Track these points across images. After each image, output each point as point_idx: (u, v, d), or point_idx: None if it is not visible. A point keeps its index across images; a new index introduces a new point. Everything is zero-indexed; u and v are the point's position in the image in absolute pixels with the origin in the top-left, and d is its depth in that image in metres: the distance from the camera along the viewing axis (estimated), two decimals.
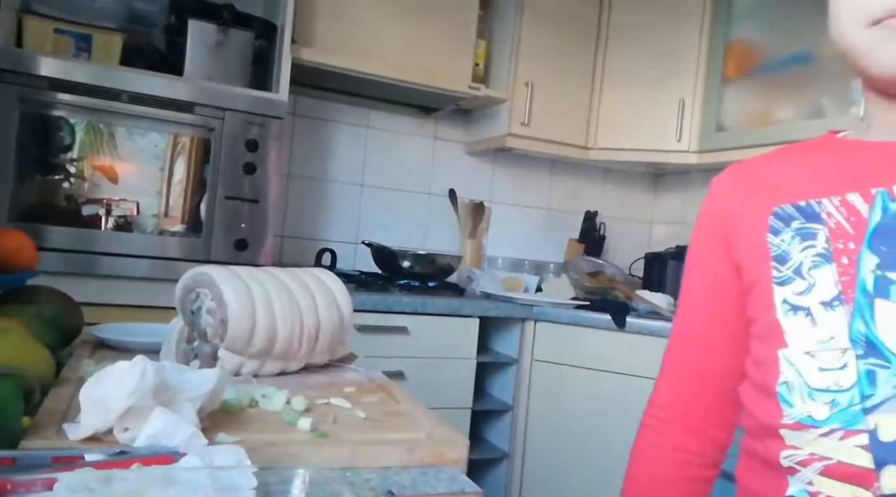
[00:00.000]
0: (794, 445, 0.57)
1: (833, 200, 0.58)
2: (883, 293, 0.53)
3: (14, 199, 1.69)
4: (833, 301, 0.56)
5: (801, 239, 0.59)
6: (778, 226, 0.61)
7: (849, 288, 0.55)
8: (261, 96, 1.94)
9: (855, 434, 0.52)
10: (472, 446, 2.21)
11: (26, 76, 1.69)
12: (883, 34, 0.54)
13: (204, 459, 0.53)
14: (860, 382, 0.53)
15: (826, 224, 0.58)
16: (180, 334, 0.92)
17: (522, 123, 2.45)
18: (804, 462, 0.56)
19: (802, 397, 0.56)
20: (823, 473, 0.55)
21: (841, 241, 0.57)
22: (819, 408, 0.55)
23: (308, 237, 2.51)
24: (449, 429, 0.76)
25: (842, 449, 0.53)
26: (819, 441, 0.54)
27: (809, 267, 0.58)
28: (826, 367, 0.55)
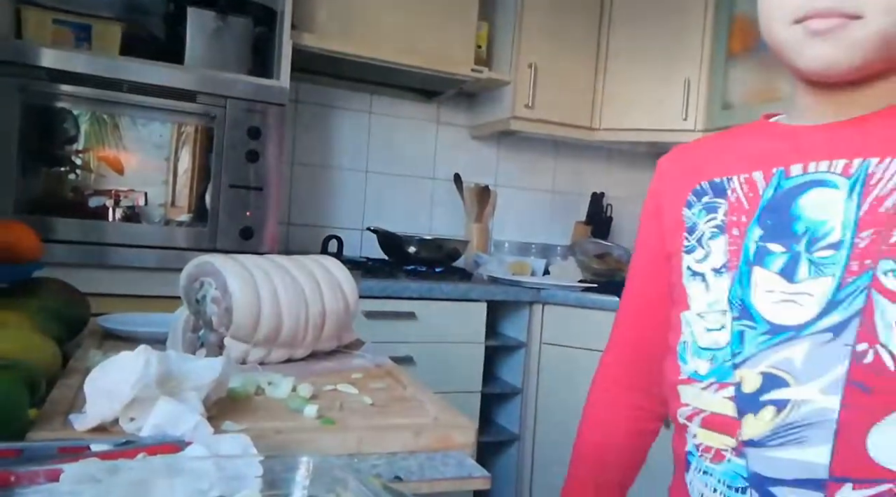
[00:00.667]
0: (685, 403, 0.63)
1: (740, 178, 0.64)
2: (760, 262, 0.59)
3: (19, 192, 1.69)
4: (721, 268, 0.62)
5: (707, 212, 0.65)
6: (692, 200, 0.67)
7: (735, 257, 0.61)
8: (262, 83, 1.92)
9: (725, 386, 0.59)
10: (483, 429, 2.22)
11: (27, 68, 1.68)
12: (804, 33, 0.57)
13: (209, 448, 0.53)
14: (733, 341, 0.59)
15: (728, 199, 0.64)
16: (186, 323, 0.92)
17: (526, 105, 2.43)
18: (690, 416, 0.62)
19: (692, 355, 0.62)
20: (702, 425, 0.61)
21: (736, 214, 0.63)
22: (702, 363, 0.61)
23: (314, 224, 2.51)
24: (456, 413, 0.76)
25: (714, 401, 0.59)
26: (701, 394, 0.61)
27: (708, 237, 0.64)
28: (711, 327, 0.61)
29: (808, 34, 0.56)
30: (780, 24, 0.59)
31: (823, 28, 0.55)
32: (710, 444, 0.60)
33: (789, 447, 0.54)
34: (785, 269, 0.58)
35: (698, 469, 0.62)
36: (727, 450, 0.59)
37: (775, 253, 0.59)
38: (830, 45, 0.56)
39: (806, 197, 0.59)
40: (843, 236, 0.55)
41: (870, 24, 0.54)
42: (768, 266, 0.59)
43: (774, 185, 0.61)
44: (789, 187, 0.60)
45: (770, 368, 0.56)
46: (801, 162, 0.60)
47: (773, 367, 0.56)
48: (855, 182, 0.56)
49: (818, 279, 0.56)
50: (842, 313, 0.54)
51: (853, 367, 0.52)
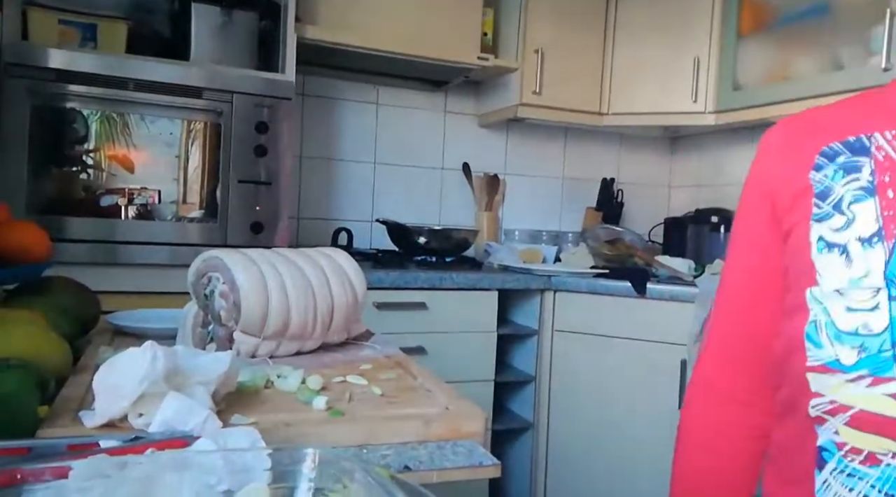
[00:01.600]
0: (818, 393, 0.53)
1: (886, 134, 0.54)
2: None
3: (31, 192, 1.70)
4: (872, 237, 0.52)
5: (845, 172, 0.55)
6: (822, 162, 0.57)
7: (891, 223, 0.51)
8: (267, 77, 1.92)
9: (885, 382, 0.49)
10: (497, 417, 2.23)
11: (34, 69, 1.69)
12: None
13: (218, 442, 0.53)
14: (892, 327, 0.49)
15: (874, 156, 0.54)
16: (195, 318, 0.93)
17: (534, 92, 2.41)
18: (831, 411, 0.53)
19: (829, 339, 0.52)
20: (849, 423, 0.52)
21: (888, 173, 0.52)
22: (847, 351, 0.51)
23: (323, 217, 2.51)
24: (466, 402, 0.76)
25: (869, 397, 0.50)
26: (845, 387, 0.51)
27: (850, 201, 0.54)
28: (855, 307, 0.51)
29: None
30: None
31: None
32: (861, 445, 0.51)
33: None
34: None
35: (840, 470, 0.53)
36: (886, 454, 0.50)
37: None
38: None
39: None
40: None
41: None
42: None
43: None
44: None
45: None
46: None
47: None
48: None
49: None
50: None
51: None
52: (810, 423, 0.55)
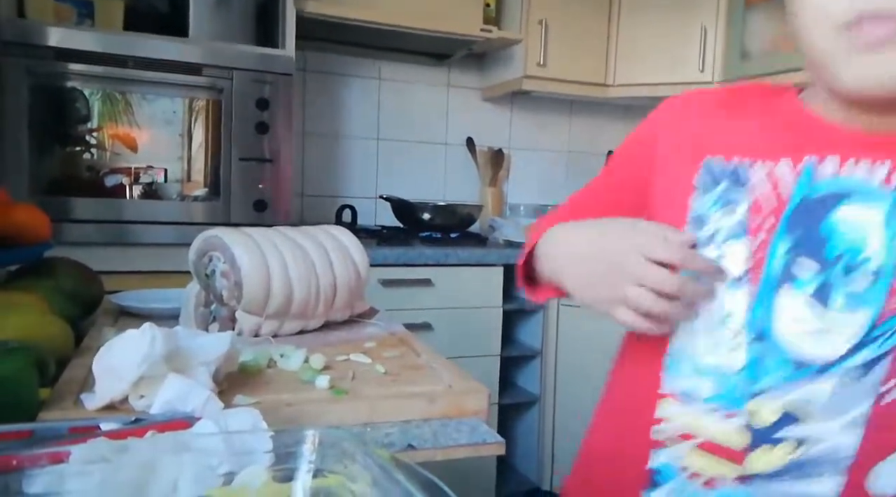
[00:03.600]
0: (665, 418, 0.57)
1: (765, 165, 0.54)
2: (789, 279, 0.52)
3: (34, 173, 1.70)
4: (740, 278, 0.53)
5: (722, 205, 0.55)
6: (703, 182, 0.57)
7: (758, 267, 0.53)
8: (267, 53, 1.90)
9: (734, 415, 0.53)
10: (503, 392, 2.23)
11: (32, 48, 1.67)
12: (850, 45, 0.48)
13: (219, 423, 0.53)
14: (749, 368, 0.52)
15: (749, 193, 0.54)
16: (197, 298, 0.92)
17: (538, 64, 2.37)
18: (676, 437, 0.56)
19: (689, 370, 0.55)
20: (698, 449, 0.55)
21: (760, 215, 0.53)
22: (704, 384, 0.54)
23: (327, 194, 2.50)
24: (470, 379, 0.75)
25: (717, 428, 0.54)
26: (698, 417, 0.55)
27: (724, 237, 0.55)
28: (717, 344, 0.54)
29: (857, 47, 0.47)
30: (824, 29, 0.49)
31: (879, 37, 0.46)
32: (703, 470, 0.55)
33: (800, 482, 0.52)
34: (817, 295, 0.51)
35: (680, 490, 0.56)
36: (725, 480, 0.54)
37: (807, 273, 0.51)
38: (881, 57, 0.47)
39: (842, 210, 0.51)
40: (883, 265, 0.49)
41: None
42: (799, 288, 0.52)
43: (806, 184, 0.52)
44: (821, 194, 0.52)
45: (791, 403, 0.52)
46: (836, 155, 0.52)
47: (794, 403, 0.52)
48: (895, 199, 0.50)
49: (854, 312, 0.50)
50: (874, 351, 0.49)
51: (875, 407, 0.50)
52: (647, 445, 0.58)
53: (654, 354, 0.58)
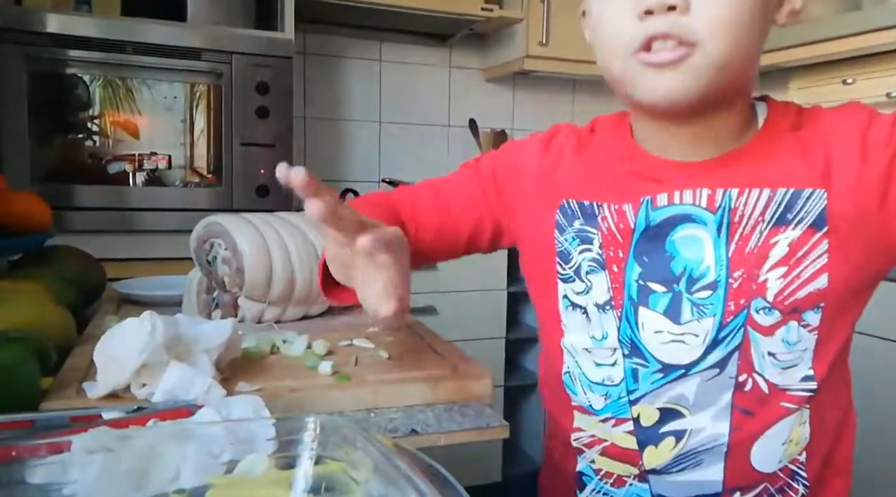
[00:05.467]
0: (581, 428, 0.65)
1: (611, 207, 0.61)
2: (645, 302, 0.60)
3: (34, 161, 1.69)
4: (605, 305, 0.61)
5: (580, 241, 0.63)
6: (563, 223, 0.64)
7: (618, 294, 0.61)
8: (266, 36, 1.88)
9: (623, 421, 0.62)
10: (509, 374, 2.24)
11: (29, 34, 1.66)
12: (641, 65, 0.54)
13: (220, 411, 0.53)
14: (627, 379, 0.61)
15: (600, 229, 0.62)
16: (200, 285, 0.92)
17: (540, 43, 2.34)
18: (588, 444, 0.65)
19: (583, 388, 0.64)
20: (602, 453, 0.64)
21: (612, 248, 0.61)
22: (596, 398, 0.63)
23: (329, 178, 2.48)
24: (474, 363, 0.75)
25: (613, 434, 0.63)
26: (599, 426, 0.63)
27: (587, 271, 0.63)
28: (601, 362, 0.62)
29: (647, 66, 0.54)
30: (619, 54, 0.56)
31: (663, 60, 0.53)
32: (611, 470, 0.63)
33: (688, 471, 0.60)
34: (669, 310, 0.59)
35: (597, 490, 0.65)
36: (629, 476, 0.63)
37: (658, 293, 0.59)
38: (668, 75, 0.53)
39: (678, 234, 0.59)
40: (717, 277, 0.57)
41: (707, 50, 0.52)
42: (654, 306, 0.60)
43: (644, 217, 0.60)
44: (659, 221, 0.59)
45: (666, 403, 0.60)
46: (666, 191, 0.59)
47: (668, 402, 0.60)
48: (720, 218, 0.57)
49: (701, 320, 0.58)
50: (723, 350, 0.58)
51: (737, 396, 0.58)
52: (573, 451, 0.67)
53: (557, 371, 0.67)
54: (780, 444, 0.59)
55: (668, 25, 0.52)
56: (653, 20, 0.53)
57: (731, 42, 0.52)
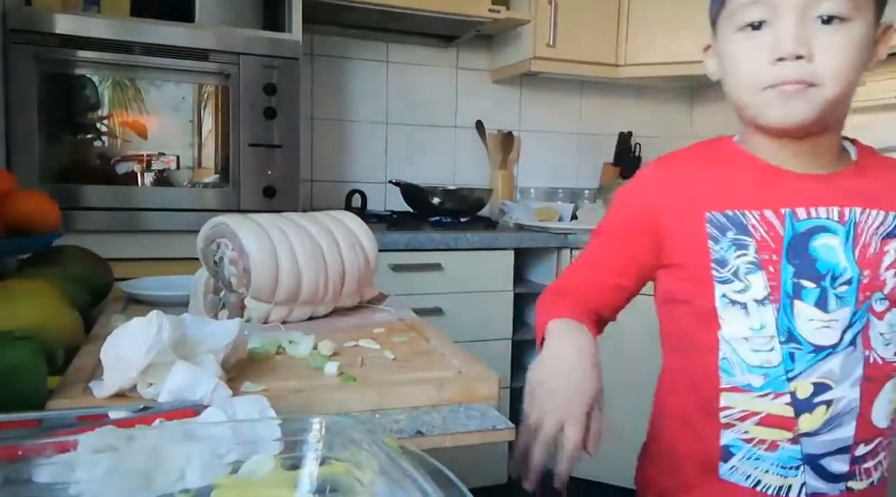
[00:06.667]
0: (729, 406, 0.75)
1: (754, 214, 0.74)
2: (799, 296, 0.72)
3: (43, 161, 1.70)
4: (764, 300, 0.73)
5: (736, 248, 0.74)
6: (715, 234, 0.75)
7: (775, 291, 0.72)
8: (273, 37, 1.88)
9: (782, 395, 0.73)
10: (515, 375, 2.23)
11: (39, 35, 1.67)
12: (774, 95, 0.69)
13: (226, 411, 0.53)
14: (784, 361, 0.72)
15: (753, 237, 0.74)
16: (206, 285, 0.92)
17: (548, 45, 2.34)
18: (741, 418, 0.74)
19: (742, 370, 0.74)
20: (759, 424, 0.74)
21: (766, 252, 0.73)
22: (756, 378, 0.73)
23: (337, 180, 2.49)
24: (480, 365, 0.75)
25: (772, 406, 0.73)
26: (754, 401, 0.74)
27: (745, 272, 0.73)
28: (758, 349, 0.73)
29: (779, 96, 0.69)
30: (752, 89, 0.71)
31: (792, 91, 0.68)
32: (766, 437, 0.74)
33: (833, 431, 0.73)
34: (819, 302, 0.72)
35: (747, 457, 0.75)
36: (783, 441, 0.73)
37: (809, 288, 0.72)
38: (796, 105, 0.69)
39: (818, 240, 0.73)
40: (852, 275, 0.72)
41: (825, 90, 0.68)
42: (806, 299, 0.72)
43: (790, 227, 0.73)
44: (802, 231, 0.73)
45: (818, 379, 0.72)
46: (804, 206, 0.73)
47: (820, 378, 0.72)
48: (848, 230, 0.73)
49: (842, 309, 0.72)
50: (853, 332, 0.72)
51: (866, 367, 0.72)
52: (717, 427, 0.76)
53: (709, 362, 0.76)
54: (887, 402, 0.74)
55: (796, 71, 0.67)
56: (783, 66, 0.68)
57: (843, 84, 0.68)
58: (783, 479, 0.74)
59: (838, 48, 0.67)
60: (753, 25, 0.70)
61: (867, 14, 0.69)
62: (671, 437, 0.83)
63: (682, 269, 0.79)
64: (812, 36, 0.67)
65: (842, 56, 0.67)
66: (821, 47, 0.67)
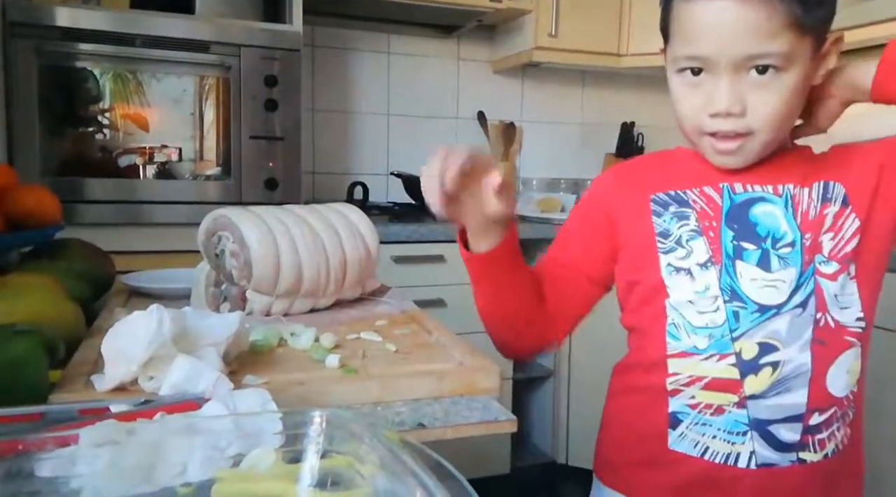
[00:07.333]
0: (676, 372, 0.76)
1: (694, 191, 0.78)
2: (740, 256, 0.75)
3: (44, 154, 1.70)
4: (706, 263, 0.75)
5: (678, 219, 0.77)
6: (658, 210, 0.79)
7: (717, 253, 0.75)
8: (274, 29, 1.87)
9: (726, 356, 0.73)
10: (518, 367, 2.24)
11: (40, 28, 1.67)
12: (711, 146, 0.74)
13: (228, 404, 0.53)
14: (729, 320, 0.73)
15: (693, 208, 0.77)
16: (208, 278, 0.92)
17: (549, 34, 2.33)
18: (687, 383, 0.75)
19: (687, 333, 0.75)
20: (704, 388, 0.74)
21: (706, 220, 0.76)
22: (701, 340, 0.74)
23: (339, 172, 2.48)
24: (482, 357, 0.75)
25: (717, 368, 0.73)
26: (700, 364, 0.74)
27: (687, 239, 0.76)
28: (703, 310, 0.74)
29: (715, 149, 0.74)
30: (692, 132, 0.75)
31: (727, 149, 0.73)
32: (711, 401, 0.74)
33: (781, 395, 0.72)
34: (760, 262, 0.74)
35: (694, 423, 0.75)
36: (728, 405, 0.73)
37: (749, 250, 0.74)
38: (731, 158, 0.74)
39: (757, 208, 0.76)
40: (794, 238, 0.74)
41: (759, 137, 0.71)
42: (747, 259, 0.74)
43: (728, 198, 0.77)
44: (740, 201, 0.76)
45: (763, 338, 0.73)
46: (740, 182, 0.77)
47: (765, 337, 0.73)
48: (785, 200, 0.76)
49: (786, 269, 0.73)
50: (803, 293, 0.73)
51: (816, 330, 0.73)
52: (663, 395, 0.76)
53: (657, 331, 0.77)
54: (845, 372, 0.74)
55: (731, 126, 0.71)
56: (718, 120, 0.71)
57: (778, 127, 0.72)
58: (731, 446, 0.73)
59: (772, 100, 0.70)
60: (693, 71, 0.72)
61: (802, 56, 0.70)
62: (623, 414, 0.85)
63: (631, 249, 0.81)
64: (745, 89, 0.70)
65: (775, 107, 0.70)
66: (755, 100, 0.70)
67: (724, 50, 0.68)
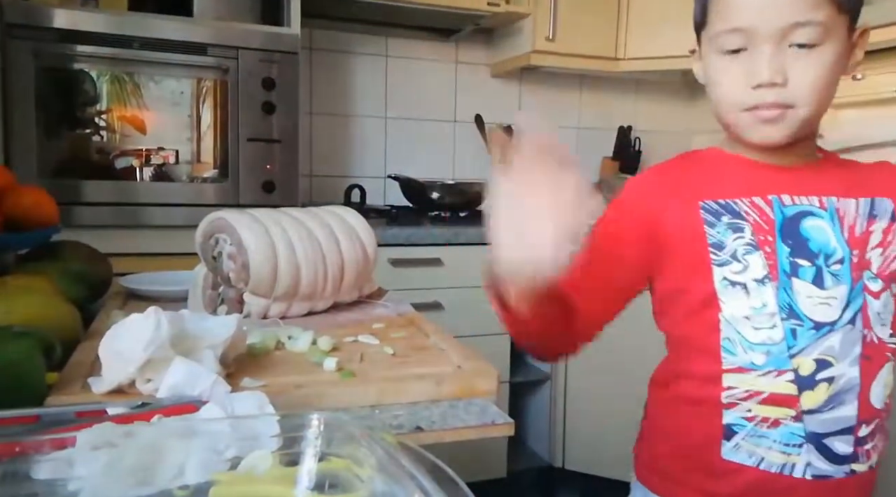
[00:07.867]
0: (731, 386, 0.76)
1: (745, 201, 0.78)
2: (795, 274, 0.75)
3: (42, 156, 1.70)
4: (763, 279, 0.75)
5: (733, 231, 0.77)
6: (711, 220, 0.78)
7: (773, 269, 0.75)
8: (272, 32, 1.88)
9: (784, 373, 0.74)
10: (514, 370, 2.24)
11: (37, 30, 1.66)
12: (754, 120, 0.74)
13: (225, 407, 0.53)
14: (787, 337, 0.74)
15: (747, 220, 0.77)
16: (205, 281, 0.92)
17: (547, 38, 2.33)
18: (744, 398, 0.76)
19: (744, 349, 0.75)
20: (762, 403, 0.75)
21: (761, 234, 0.76)
22: (758, 356, 0.75)
23: (336, 175, 2.48)
24: (479, 360, 0.75)
25: (775, 384, 0.75)
26: (757, 380, 0.75)
27: (743, 253, 0.76)
28: (759, 326, 0.75)
29: (758, 120, 0.74)
30: (731, 110, 0.75)
31: (770, 117, 0.73)
32: (768, 415, 0.75)
33: (835, 409, 0.74)
34: (815, 279, 0.75)
35: (750, 435, 0.76)
36: (785, 418, 0.75)
37: (805, 267, 0.75)
38: (774, 128, 0.74)
39: (807, 222, 0.77)
40: (843, 254, 0.75)
41: (800, 111, 0.72)
42: (803, 277, 0.75)
43: (779, 211, 0.77)
44: (791, 214, 0.77)
45: (820, 355, 0.74)
46: (788, 193, 0.77)
47: (821, 354, 0.74)
48: (831, 214, 0.77)
49: (838, 286, 0.75)
50: (852, 310, 0.75)
51: (864, 346, 0.75)
52: (718, 408, 0.77)
53: (711, 345, 0.77)
54: (883, 385, 0.76)
55: (773, 97, 0.71)
56: (761, 91, 0.72)
57: (818, 103, 0.73)
58: (786, 457, 0.75)
59: (813, 72, 0.71)
60: (733, 50, 0.73)
61: (840, 33, 0.72)
62: (671, 423, 0.84)
63: (679, 256, 0.80)
64: (787, 61, 0.71)
65: (816, 79, 0.71)
66: (796, 72, 0.71)
67: (767, 19, 0.70)
